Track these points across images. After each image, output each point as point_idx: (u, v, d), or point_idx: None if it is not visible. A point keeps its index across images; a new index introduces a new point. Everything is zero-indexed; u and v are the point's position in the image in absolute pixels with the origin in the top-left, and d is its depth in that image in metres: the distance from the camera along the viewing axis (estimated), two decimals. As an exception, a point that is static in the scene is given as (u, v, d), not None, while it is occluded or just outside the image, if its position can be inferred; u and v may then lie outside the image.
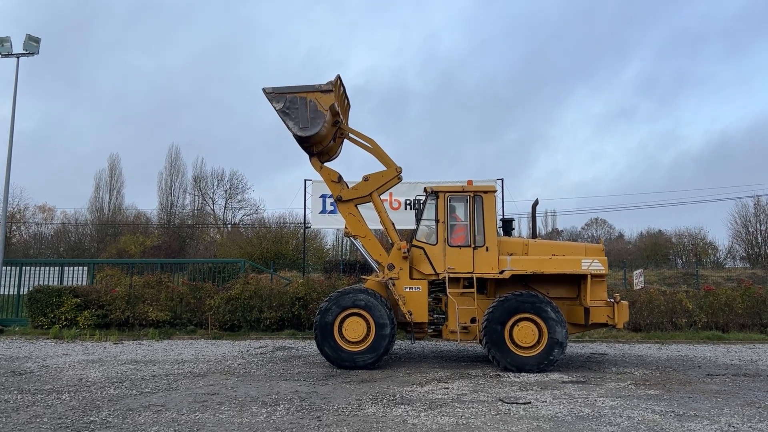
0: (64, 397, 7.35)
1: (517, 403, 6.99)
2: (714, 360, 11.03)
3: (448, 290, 9.89)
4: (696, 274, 23.03)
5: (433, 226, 10.31)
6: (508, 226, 11.17)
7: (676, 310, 15.30)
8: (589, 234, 50.48)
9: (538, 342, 9.35)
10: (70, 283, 17.55)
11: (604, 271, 9.87)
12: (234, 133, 79.24)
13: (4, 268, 17.81)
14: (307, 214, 21.01)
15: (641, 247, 41.72)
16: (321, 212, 20.70)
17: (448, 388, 8.00)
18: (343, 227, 11.02)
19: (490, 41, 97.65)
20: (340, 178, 10.82)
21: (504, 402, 7.08)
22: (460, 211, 10.37)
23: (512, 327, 9.38)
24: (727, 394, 7.65)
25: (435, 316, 10.42)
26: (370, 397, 7.38)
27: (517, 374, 9.13)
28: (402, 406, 6.83)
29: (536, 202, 11.68)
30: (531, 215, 11.75)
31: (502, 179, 18.69)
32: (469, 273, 9.95)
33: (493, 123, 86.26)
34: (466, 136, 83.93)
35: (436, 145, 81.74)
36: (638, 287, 16.09)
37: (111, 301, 15.69)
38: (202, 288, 16.00)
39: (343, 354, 9.61)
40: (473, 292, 9.83)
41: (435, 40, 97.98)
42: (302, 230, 25.54)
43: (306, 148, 10.61)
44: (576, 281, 10.13)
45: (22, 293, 17.43)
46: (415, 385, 8.22)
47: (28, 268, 18.42)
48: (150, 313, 15.47)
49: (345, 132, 11.03)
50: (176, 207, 51.55)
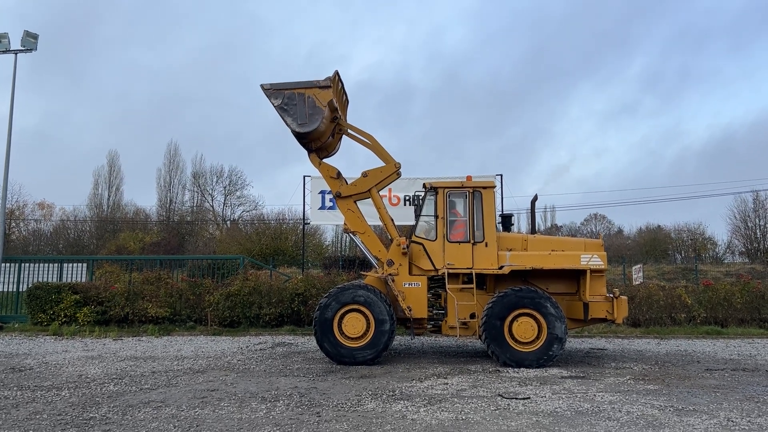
0: (64, 394, 7.36)
1: (517, 399, 7.00)
2: (713, 355, 11.05)
3: (448, 286, 9.89)
4: (695, 269, 23.06)
5: (433, 222, 10.31)
6: (507, 221, 11.17)
7: (675, 305, 15.33)
8: (588, 229, 50.52)
9: (538, 337, 9.37)
10: (70, 280, 17.57)
11: (603, 267, 9.87)
12: (236, 130, 79.21)
13: (4, 264, 17.81)
14: (306, 210, 21.03)
15: (640, 243, 41.75)
16: (320, 208, 20.72)
17: (447, 384, 8.01)
18: (343, 223, 11.01)
19: (494, 36, 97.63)
20: (339, 174, 10.79)
21: (503, 397, 7.09)
22: (460, 207, 10.36)
23: (512, 322, 9.40)
24: (726, 389, 7.66)
25: (434, 312, 10.42)
26: (370, 392, 7.39)
27: (517, 370, 9.14)
28: (401, 402, 6.84)
29: (535, 198, 11.67)
30: (530, 211, 11.75)
31: (501, 175, 18.75)
32: (468, 269, 9.95)
33: (497, 119, 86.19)
34: (469, 132, 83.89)
35: (439, 141, 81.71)
36: (637, 282, 16.10)
37: (110, 298, 15.71)
38: (202, 284, 16.00)
39: (343, 350, 9.62)
40: (472, 288, 9.83)
41: (439, 36, 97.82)
42: (301, 226, 25.54)
43: (304, 144, 10.57)
44: (575, 276, 10.13)
45: (21, 290, 17.44)
46: (414, 381, 8.23)
47: (28, 264, 18.42)
48: (149, 309, 15.49)
49: (344, 128, 11.00)
50: (175, 203, 51.56)
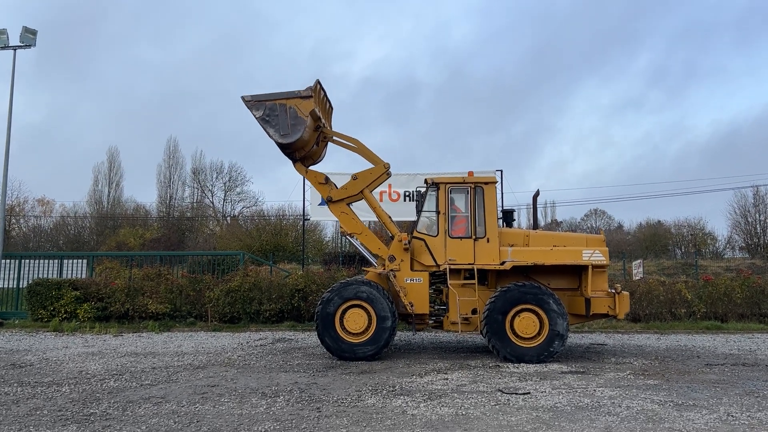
0: (65, 390, 7.36)
1: (517, 394, 7.00)
2: (713, 350, 11.05)
3: (449, 281, 9.88)
4: (695, 264, 23.03)
5: (434, 218, 10.30)
6: (508, 217, 11.16)
7: (675, 301, 15.33)
8: (589, 225, 50.52)
9: (539, 333, 9.36)
10: (70, 276, 17.54)
11: (605, 262, 9.86)
12: (239, 126, 79.06)
13: (4, 261, 17.80)
14: (306, 206, 21.00)
15: (640, 238, 41.70)
16: (320, 204, 20.59)
17: (447, 379, 8.01)
18: (339, 226, 11.00)
19: (499, 32, 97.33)
20: (327, 179, 10.85)
21: (503, 392, 7.09)
22: (461, 203, 10.34)
23: (513, 317, 9.39)
24: (726, 384, 7.66)
25: (436, 308, 10.43)
26: (370, 388, 7.39)
27: (517, 365, 9.14)
28: (402, 397, 6.84)
29: (537, 193, 11.66)
30: (532, 206, 11.74)
31: (502, 170, 18.66)
32: (470, 264, 9.94)
33: (501, 115, 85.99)
34: (473, 127, 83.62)
35: (443, 137, 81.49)
36: (637, 278, 16.08)
37: (110, 294, 15.69)
38: (202, 280, 15.99)
39: (344, 345, 9.62)
40: (474, 284, 9.82)
41: (445, 31, 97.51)
42: (301, 222, 25.52)
43: (288, 154, 10.63)
44: (577, 272, 10.12)
45: (21, 286, 17.44)
46: (414, 376, 8.23)
47: (28, 261, 18.41)
48: (150, 305, 15.48)
49: (328, 135, 11.09)
50: (175, 199, 51.45)
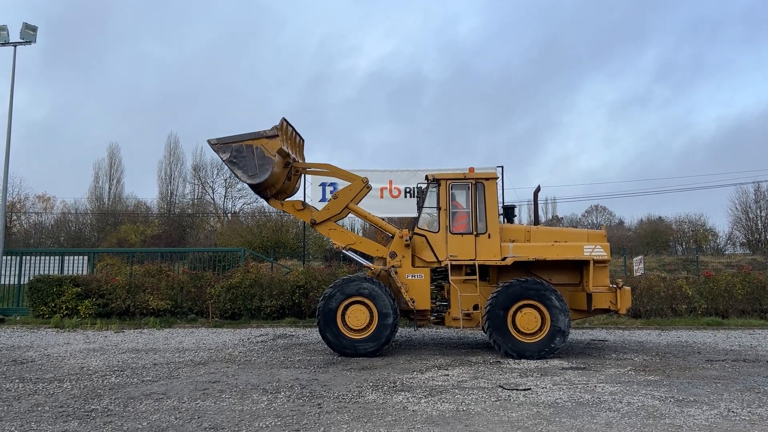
0: (66, 386, 7.37)
1: (517, 390, 7.00)
2: (714, 346, 11.05)
3: (451, 278, 9.88)
4: (696, 260, 23.00)
5: (435, 214, 10.29)
6: (509, 213, 11.15)
7: (676, 297, 15.33)
8: (590, 221, 50.42)
9: (540, 329, 9.36)
10: (71, 273, 17.57)
11: (606, 257, 9.85)
12: (244, 121, 78.93)
13: (5, 257, 17.82)
14: (306, 202, 20.95)
15: (641, 234, 41.64)
16: (320, 200, 20.59)
17: (448, 375, 8.01)
18: (333, 244, 11.01)
19: (507, 27, 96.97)
20: (304, 204, 11.04)
21: (504, 388, 7.09)
22: (462, 199, 10.33)
23: (515, 313, 9.38)
24: (727, 380, 7.66)
25: (437, 304, 10.43)
26: (371, 384, 7.40)
27: (518, 361, 9.14)
28: (402, 393, 6.84)
29: (538, 189, 11.63)
30: (533, 202, 11.72)
31: (503, 166, 18.57)
32: (471, 260, 9.94)
33: (506, 110, 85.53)
34: (478, 123, 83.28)
35: (447, 133, 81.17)
36: (638, 274, 16.09)
37: (112, 290, 15.72)
38: (203, 277, 16.02)
39: (345, 341, 9.62)
40: (475, 280, 9.82)
41: (451, 27, 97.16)
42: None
43: (260, 193, 10.67)
44: (578, 267, 10.11)
45: (22, 283, 17.46)
46: (415, 372, 8.24)
47: (29, 257, 18.44)
48: (151, 302, 15.50)
49: (299, 169, 11.14)
50: (176, 196, 51.45)
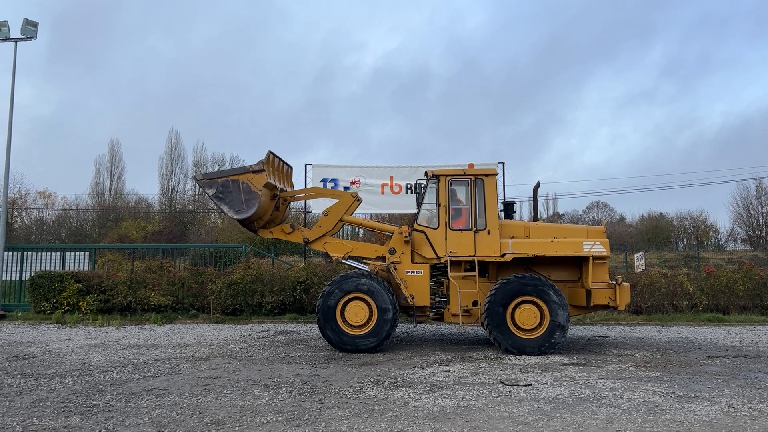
0: (67, 381, 7.39)
1: (518, 386, 7.01)
2: (714, 342, 11.05)
3: (450, 274, 9.89)
4: (697, 256, 22.98)
5: (435, 210, 10.29)
6: (509, 209, 11.14)
7: (677, 293, 15.32)
8: (590, 217, 50.37)
9: (540, 325, 9.37)
10: (72, 269, 17.58)
11: (605, 253, 9.85)
12: (249, 117, 78.54)
13: (6, 253, 17.84)
14: (294, 224, 20.89)
15: (642, 230, 41.56)
16: (321, 199, 20.60)
17: (449, 371, 8.03)
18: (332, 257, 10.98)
19: (513, 22, 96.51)
20: (293, 226, 11.11)
21: (505, 384, 7.10)
22: (462, 195, 10.33)
23: (514, 309, 9.40)
24: (728, 376, 7.67)
25: (437, 300, 10.44)
26: (372, 379, 7.41)
27: (518, 357, 9.16)
28: (403, 389, 6.86)
29: (537, 185, 11.62)
30: (532, 198, 11.71)
31: (503, 163, 18.52)
32: (470, 256, 9.94)
33: (511, 107, 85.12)
34: (483, 119, 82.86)
35: (452, 129, 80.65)
36: (639, 270, 16.08)
37: (113, 286, 15.73)
38: (204, 273, 16.03)
39: (345, 337, 9.64)
40: (475, 276, 9.82)
41: (458, 23, 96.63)
42: (303, 215, 25.50)
43: (247, 226, 10.67)
44: (578, 263, 10.11)
45: (24, 279, 17.49)
46: (416, 368, 8.25)
47: (30, 253, 18.45)
48: (152, 297, 15.52)
49: (288, 198, 11.19)
50: (177, 192, 51.45)
